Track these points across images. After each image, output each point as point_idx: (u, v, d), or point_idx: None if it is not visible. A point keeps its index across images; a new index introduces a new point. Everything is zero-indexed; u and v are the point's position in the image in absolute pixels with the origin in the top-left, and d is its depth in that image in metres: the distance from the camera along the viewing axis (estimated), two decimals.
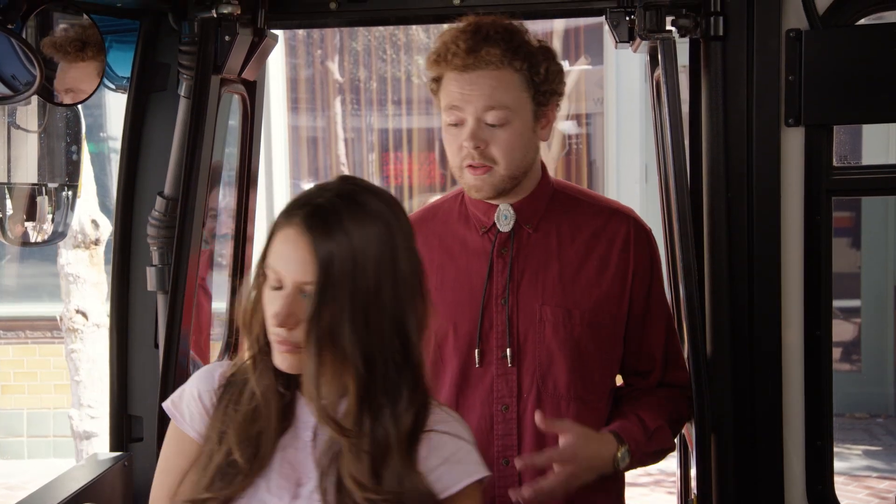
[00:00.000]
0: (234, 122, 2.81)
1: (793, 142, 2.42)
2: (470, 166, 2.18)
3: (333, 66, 9.23)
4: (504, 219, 2.26)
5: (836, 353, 7.96)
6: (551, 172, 2.36)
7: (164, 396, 2.47)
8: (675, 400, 2.35)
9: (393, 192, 9.13)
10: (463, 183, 2.23)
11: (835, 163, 2.45)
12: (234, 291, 2.66)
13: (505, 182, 2.20)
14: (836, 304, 7.46)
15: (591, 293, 2.25)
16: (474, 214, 2.29)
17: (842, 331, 8.14)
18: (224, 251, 2.93)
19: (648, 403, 2.30)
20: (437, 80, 2.21)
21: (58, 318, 6.21)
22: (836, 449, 2.53)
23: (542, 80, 2.18)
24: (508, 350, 2.21)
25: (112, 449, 2.64)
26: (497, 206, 2.26)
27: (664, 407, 2.31)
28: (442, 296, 2.21)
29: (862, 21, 2.43)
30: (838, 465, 2.71)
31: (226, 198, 2.99)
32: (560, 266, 2.25)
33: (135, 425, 2.63)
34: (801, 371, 2.45)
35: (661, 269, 2.36)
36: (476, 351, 2.22)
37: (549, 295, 2.23)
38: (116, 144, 7.21)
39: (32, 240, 2.67)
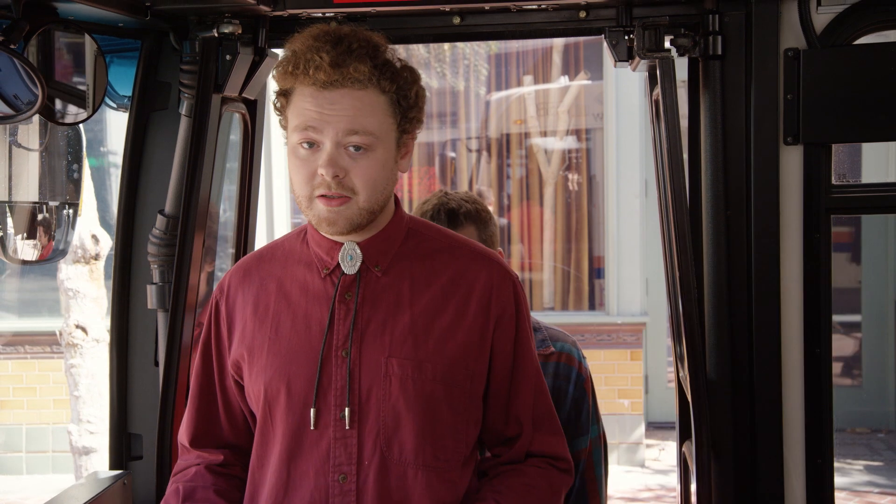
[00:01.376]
0: (235, 136, 2.82)
1: (791, 160, 2.43)
2: (323, 196, 1.89)
3: None
4: (349, 259, 1.99)
5: (837, 368, 7.95)
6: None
7: (163, 415, 2.47)
8: (541, 489, 2.04)
9: None
10: (312, 216, 1.93)
11: (834, 181, 2.46)
12: None
13: (363, 216, 1.92)
14: (837, 318, 7.46)
15: (445, 346, 1.97)
16: (316, 254, 2.02)
17: (842, 346, 8.14)
18: (224, 267, 2.94)
19: (512, 489, 2.01)
20: (286, 95, 1.94)
21: (57, 333, 6.20)
22: (836, 464, 2.53)
23: (409, 105, 1.95)
24: (347, 409, 1.92)
25: (111, 467, 2.64)
26: (340, 244, 1.99)
27: (529, 495, 2.02)
28: (276, 347, 1.98)
29: (860, 40, 2.44)
30: (839, 480, 2.71)
31: (226, 213, 3.00)
32: (411, 314, 1.97)
33: (134, 443, 2.63)
34: (801, 389, 2.45)
35: (529, 320, 2.10)
36: (311, 411, 1.93)
37: (398, 347, 1.95)
38: (117, 159, 7.22)
39: (33, 258, 2.67)
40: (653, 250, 7.44)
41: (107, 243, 5.99)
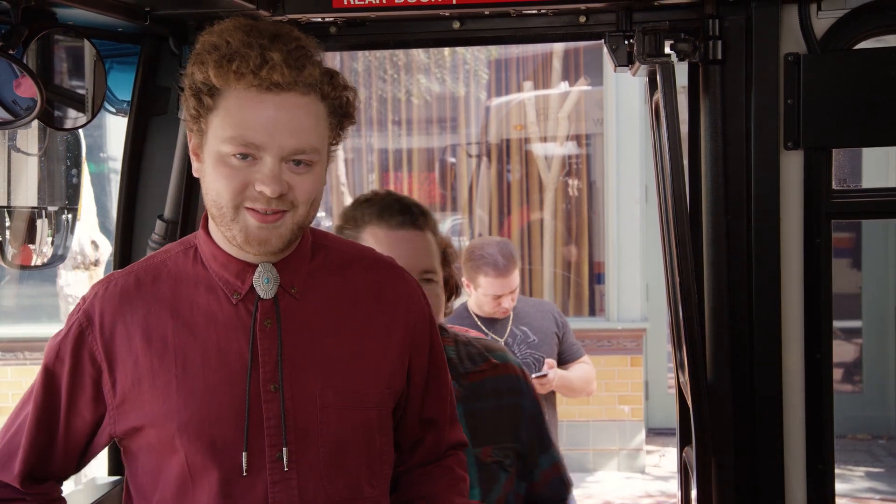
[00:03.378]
0: None
1: (792, 165, 2.42)
2: (256, 211, 1.68)
3: None
4: (266, 282, 1.76)
5: (838, 373, 7.94)
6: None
7: None
8: (464, 478, 1.98)
9: None
10: (237, 231, 1.70)
11: (834, 186, 2.46)
12: None
13: (294, 234, 1.73)
14: (837, 324, 7.46)
15: (379, 368, 1.82)
16: (221, 277, 1.76)
17: (843, 351, 8.13)
18: None
19: (451, 489, 1.94)
20: (213, 94, 1.67)
21: None
22: (837, 470, 2.53)
23: (344, 112, 1.76)
24: (285, 450, 1.72)
25: (110, 473, 2.63)
26: (253, 266, 1.76)
27: (458, 486, 1.95)
28: (187, 386, 1.72)
29: (860, 45, 2.44)
30: (840, 486, 2.70)
31: None
32: (339, 338, 1.80)
33: None
34: (802, 395, 2.45)
35: (437, 326, 2.00)
36: (244, 455, 1.71)
37: (333, 375, 1.77)
38: (116, 165, 7.22)
39: (32, 263, 2.67)
40: (653, 256, 7.43)
41: (106, 249, 5.99)
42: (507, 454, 2.23)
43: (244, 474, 1.71)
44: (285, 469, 1.73)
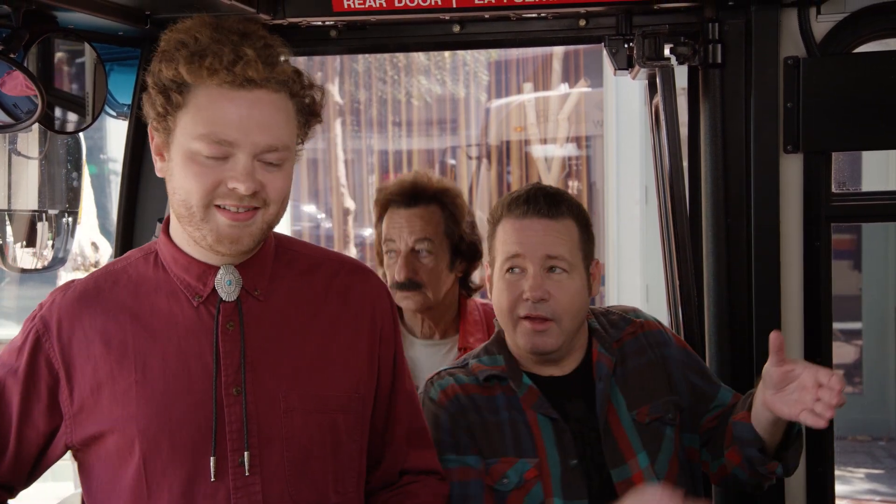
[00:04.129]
0: None
1: (792, 168, 2.43)
2: (224, 210, 1.66)
3: (333, 89, 9.27)
4: (228, 284, 1.74)
5: None
6: None
7: None
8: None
9: None
10: (207, 231, 1.67)
11: (834, 189, 2.47)
12: None
13: (263, 233, 1.72)
14: (837, 326, 7.43)
15: (346, 371, 1.80)
16: (182, 280, 1.74)
17: (843, 353, 8.12)
18: None
19: None
20: (182, 90, 1.64)
21: None
22: (837, 472, 2.53)
23: (311, 111, 1.75)
24: (247, 454, 1.69)
25: None
26: (215, 268, 1.74)
27: None
28: (146, 392, 1.69)
29: (860, 49, 2.45)
30: (840, 488, 2.71)
31: None
32: (304, 340, 1.78)
33: None
34: None
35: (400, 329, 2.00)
36: (211, 460, 1.68)
37: (297, 377, 1.75)
38: (117, 167, 7.23)
39: (32, 266, 2.67)
40: (653, 257, 7.43)
41: (106, 251, 6.00)
42: (668, 408, 2.10)
43: (212, 479, 1.68)
44: (247, 474, 1.69)
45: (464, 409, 2.05)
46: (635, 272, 7.71)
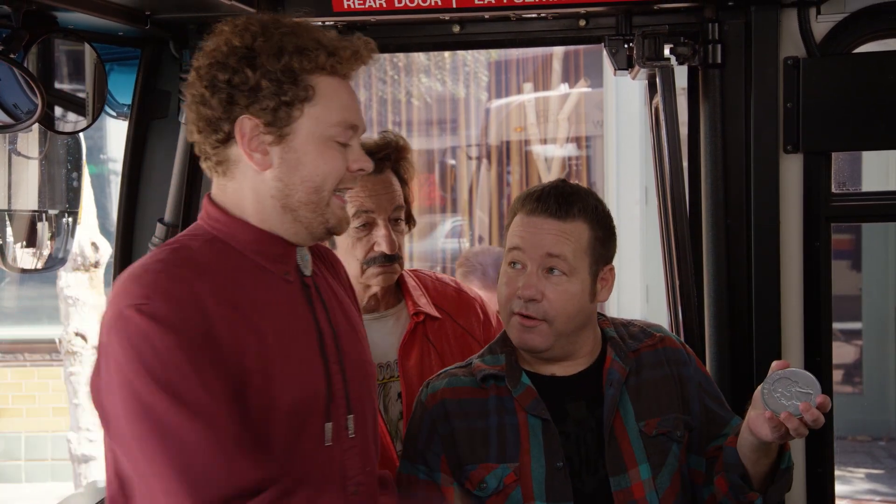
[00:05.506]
0: None
1: (791, 168, 2.43)
2: (339, 197, 1.77)
3: None
4: (305, 259, 1.83)
5: (838, 375, 7.94)
6: None
7: None
8: None
9: None
10: (328, 216, 1.76)
11: (834, 189, 2.47)
12: None
13: None
14: (837, 326, 7.42)
15: (365, 340, 1.95)
16: (269, 258, 1.75)
17: (843, 353, 8.12)
18: None
19: None
20: (308, 83, 1.70)
21: (57, 341, 6.21)
22: (837, 472, 2.53)
23: None
24: (351, 417, 1.78)
25: None
26: (292, 245, 1.79)
27: None
28: (275, 368, 1.69)
29: (859, 49, 2.45)
30: (840, 488, 2.71)
31: None
32: (345, 310, 1.89)
33: None
34: None
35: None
36: (327, 426, 1.74)
37: (360, 345, 1.87)
38: (117, 166, 7.23)
39: (32, 266, 2.67)
40: (653, 257, 7.43)
41: (106, 251, 6.00)
42: (678, 425, 2.07)
43: (328, 443, 1.74)
44: (352, 435, 1.78)
45: (447, 415, 2.04)
46: (635, 272, 7.70)
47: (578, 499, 1.98)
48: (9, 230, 2.58)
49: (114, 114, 2.70)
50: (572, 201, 2.04)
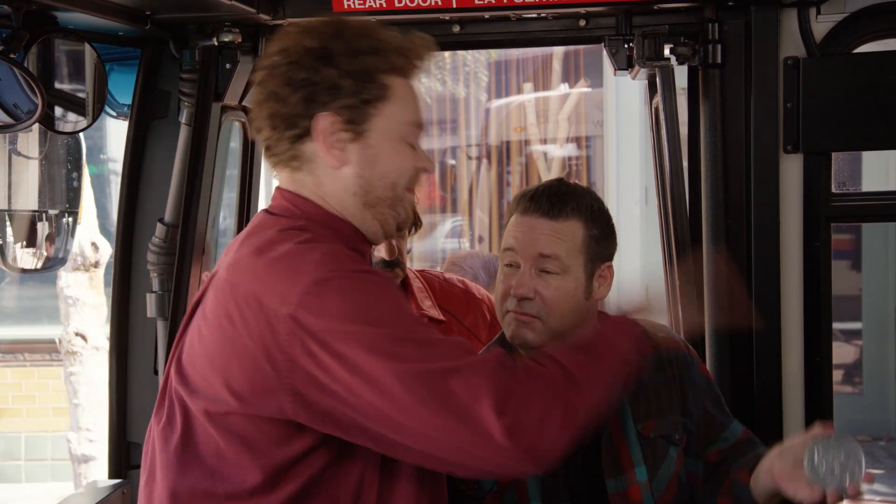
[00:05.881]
0: (235, 143, 2.83)
1: (791, 168, 2.43)
2: (411, 192, 1.84)
3: None
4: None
5: (838, 375, 7.94)
6: None
7: None
8: None
9: None
10: (400, 209, 1.81)
11: (834, 189, 2.47)
12: None
13: None
14: (837, 326, 7.41)
15: None
16: (362, 251, 1.81)
17: (843, 353, 8.13)
18: None
19: None
20: (386, 82, 1.75)
21: (57, 341, 6.21)
22: None
23: None
24: None
25: (111, 476, 2.63)
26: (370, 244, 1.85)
27: None
28: None
29: (859, 49, 2.45)
30: None
31: (226, 220, 3.00)
32: None
33: (133, 452, 2.62)
34: (802, 397, 2.45)
35: None
36: None
37: None
38: (117, 167, 7.23)
39: (32, 266, 2.67)
40: (653, 257, 7.44)
41: (106, 251, 6.00)
42: (676, 428, 2.05)
43: None
44: None
45: None
46: (635, 273, 7.69)
47: (574, 500, 1.98)
48: (9, 230, 2.58)
49: (114, 114, 2.70)
50: (566, 200, 2.04)
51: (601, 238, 2.08)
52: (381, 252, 2.40)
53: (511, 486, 1.98)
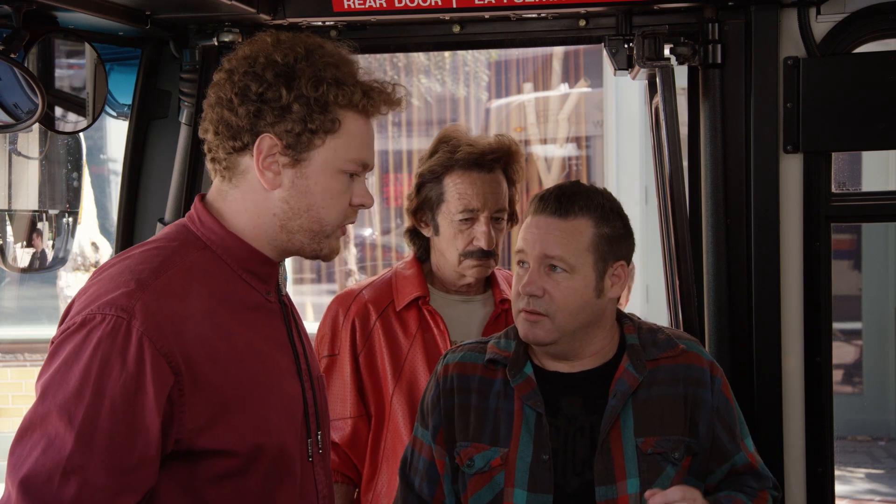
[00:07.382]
0: None
1: (791, 168, 2.43)
2: (342, 229, 1.81)
3: None
4: (284, 278, 1.86)
5: (838, 375, 7.95)
6: None
7: None
8: None
9: (392, 213, 9.16)
10: (323, 245, 1.77)
11: (834, 189, 2.47)
12: None
13: None
14: (837, 326, 7.42)
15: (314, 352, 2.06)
16: (255, 272, 1.75)
17: (843, 353, 8.13)
18: None
19: None
20: (337, 116, 1.72)
21: None
22: (837, 472, 2.53)
23: None
24: (320, 433, 1.82)
25: None
26: (273, 261, 1.78)
27: None
28: (266, 383, 1.72)
29: (859, 49, 2.45)
30: (840, 488, 2.71)
31: None
32: (300, 326, 1.92)
33: None
34: (802, 398, 2.45)
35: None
36: (308, 441, 1.79)
37: (315, 360, 1.91)
38: (117, 166, 7.23)
39: (32, 266, 2.67)
40: (653, 257, 7.43)
41: (106, 251, 6.01)
42: (677, 447, 2.02)
43: (309, 459, 1.78)
44: (320, 452, 1.82)
45: (453, 389, 2.11)
46: (635, 273, 7.69)
47: (559, 494, 1.99)
48: (9, 230, 2.58)
49: (114, 114, 2.70)
50: (574, 200, 2.06)
51: (613, 237, 2.09)
52: (479, 242, 2.47)
53: (501, 470, 2.02)
